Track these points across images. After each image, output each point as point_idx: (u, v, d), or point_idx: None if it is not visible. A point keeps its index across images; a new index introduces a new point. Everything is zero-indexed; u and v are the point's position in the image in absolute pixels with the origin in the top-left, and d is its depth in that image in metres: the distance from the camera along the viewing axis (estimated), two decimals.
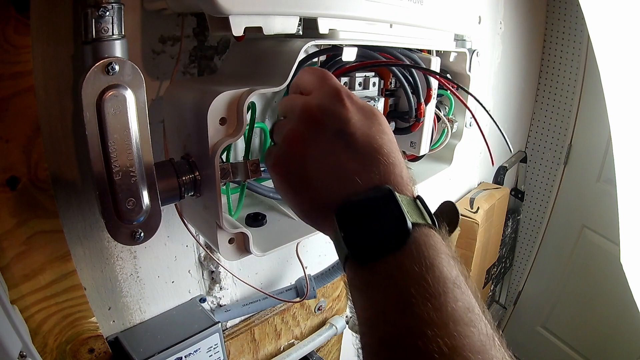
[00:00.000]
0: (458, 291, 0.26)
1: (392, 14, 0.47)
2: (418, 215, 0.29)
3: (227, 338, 0.70)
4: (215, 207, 0.39)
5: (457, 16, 0.57)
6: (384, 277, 0.27)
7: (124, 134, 0.34)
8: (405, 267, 0.27)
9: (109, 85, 0.32)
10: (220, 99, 0.37)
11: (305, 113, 0.34)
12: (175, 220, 0.54)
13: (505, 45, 1.17)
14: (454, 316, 0.25)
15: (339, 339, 0.95)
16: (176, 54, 0.49)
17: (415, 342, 0.24)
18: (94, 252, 0.51)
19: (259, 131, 0.52)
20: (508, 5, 1.12)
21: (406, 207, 0.29)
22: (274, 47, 0.43)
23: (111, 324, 0.56)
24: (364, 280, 0.29)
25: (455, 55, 0.64)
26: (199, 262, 0.64)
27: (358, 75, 0.53)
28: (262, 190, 0.50)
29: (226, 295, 0.70)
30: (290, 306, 0.79)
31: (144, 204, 0.36)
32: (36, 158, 0.41)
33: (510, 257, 1.72)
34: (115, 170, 0.34)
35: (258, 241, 0.45)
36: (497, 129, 0.49)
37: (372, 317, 0.27)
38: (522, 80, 1.35)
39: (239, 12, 0.35)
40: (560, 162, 1.52)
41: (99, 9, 0.32)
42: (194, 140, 0.41)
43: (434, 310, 0.25)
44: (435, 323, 0.24)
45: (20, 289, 0.43)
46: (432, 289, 0.26)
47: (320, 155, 0.33)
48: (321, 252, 0.84)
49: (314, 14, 0.41)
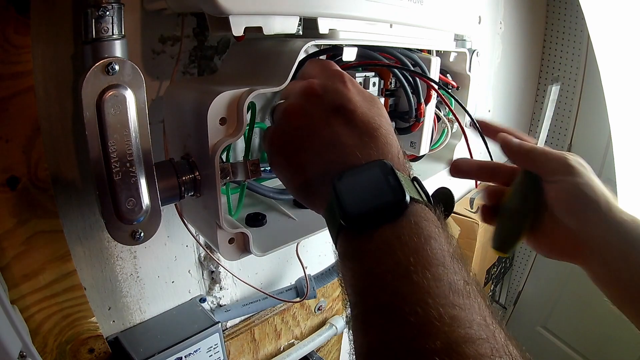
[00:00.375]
0: (457, 264, 0.26)
1: (392, 14, 0.47)
2: (415, 193, 0.29)
3: (227, 338, 0.70)
4: (215, 207, 0.39)
5: (457, 16, 0.57)
6: (381, 245, 0.27)
7: (124, 134, 0.34)
8: (404, 237, 0.27)
9: (109, 85, 0.32)
10: (220, 99, 0.37)
11: (307, 89, 0.34)
12: (175, 220, 0.54)
13: (505, 45, 1.17)
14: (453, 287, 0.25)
15: (339, 339, 0.95)
16: (176, 54, 0.49)
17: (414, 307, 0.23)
18: (94, 252, 0.51)
19: (259, 131, 0.52)
20: (508, 5, 1.12)
21: (404, 182, 0.29)
22: (274, 47, 0.43)
23: (111, 324, 0.56)
24: (358, 249, 0.28)
25: (455, 55, 0.64)
26: (199, 262, 0.64)
27: (358, 75, 0.53)
28: (262, 190, 0.50)
29: (226, 295, 0.70)
30: (290, 306, 0.79)
31: (144, 204, 0.36)
32: (36, 158, 0.41)
33: (510, 257, 1.72)
34: (115, 170, 0.34)
35: (258, 241, 0.45)
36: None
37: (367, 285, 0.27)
38: (522, 80, 1.35)
39: (239, 12, 0.35)
40: None
41: (99, 9, 0.32)
42: (194, 140, 0.41)
43: (434, 280, 0.24)
44: (435, 292, 0.24)
45: (20, 289, 0.43)
46: (432, 259, 0.26)
47: (318, 127, 0.33)
48: (321, 252, 0.84)
49: (314, 14, 0.41)
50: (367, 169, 0.30)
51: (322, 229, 0.49)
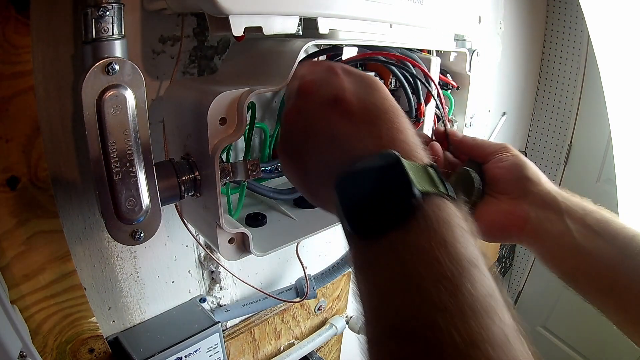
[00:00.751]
0: (476, 272, 0.22)
1: (392, 14, 0.47)
2: (429, 183, 0.25)
3: (227, 338, 0.70)
4: (215, 207, 0.39)
5: (457, 16, 0.57)
6: (388, 255, 0.24)
7: (124, 134, 0.34)
8: (412, 244, 0.23)
9: (109, 85, 0.32)
10: (220, 99, 0.37)
11: (300, 89, 0.33)
12: (175, 220, 0.54)
13: (505, 45, 1.17)
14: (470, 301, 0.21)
15: (339, 339, 0.95)
16: (176, 54, 0.49)
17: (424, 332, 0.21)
18: (94, 252, 0.51)
19: (259, 131, 0.52)
20: (508, 5, 1.12)
21: (413, 173, 0.25)
22: (274, 47, 0.43)
23: (111, 324, 0.56)
24: (366, 259, 0.25)
25: (455, 55, 0.64)
26: (199, 262, 0.64)
27: None
28: (262, 190, 0.50)
29: (226, 295, 0.70)
30: (290, 306, 0.79)
31: (144, 204, 0.36)
32: (36, 158, 0.41)
33: (510, 257, 1.72)
34: (115, 170, 0.34)
35: (258, 241, 0.44)
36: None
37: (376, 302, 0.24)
38: (522, 80, 1.35)
39: (239, 12, 0.35)
40: (560, 162, 1.52)
41: (99, 9, 0.32)
42: (194, 140, 0.41)
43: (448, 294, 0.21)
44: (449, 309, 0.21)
45: (20, 289, 0.43)
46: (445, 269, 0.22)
47: (315, 125, 0.31)
48: (321, 252, 0.84)
49: (314, 14, 0.41)
50: (367, 164, 0.26)
51: (322, 229, 0.49)
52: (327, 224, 0.49)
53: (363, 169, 0.26)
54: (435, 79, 0.58)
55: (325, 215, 0.32)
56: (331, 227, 0.49)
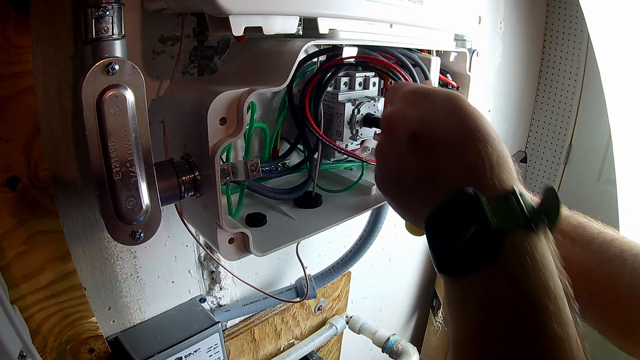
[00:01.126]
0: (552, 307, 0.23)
1: (392, 14, 0.47)
2: (508, 217, 0.25)
3: (227, 338, 0.70)
4: (215, 207, 0.39)
5: (457, 16, 0.57)
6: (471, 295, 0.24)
7: (124, 134, 0.34)
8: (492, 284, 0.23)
9: (109, 85, 0.32)
10: (220, 99, 0.36)
11: (383, 125, 0.34)
12: (175, 220, 0.54)
13: (505, 45, 1.17)
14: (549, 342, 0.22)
15: (339, 339, 0.95)
16: (176, 54, 0.49)
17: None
18: (94, 252, 0.51)
19: (259, 131, 0.52)
20: (508, 5, 1.12)
21: (493, 210, 0.25)
22: (274, 47, 0.43)
23: (111, 324, 0.56)
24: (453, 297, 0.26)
25: (455, 55, 0.64)
26: (199, 262, 0.64)
27: (358, 75, 0.53)
28: (262, 190, 0.50)
29: (226, 295, 0.70)
30: (290, 306, 0.79)
31: (144, 204, 0.36)
32: (36, 158, 0.41)
33: None
34: (115, 170, 0.34)
35: (258, 241, 0.44)
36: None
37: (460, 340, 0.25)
38: (522, 80, 1.35)
39: (239, 12, 0.35)
40: (560, 162, 1.52)
41: (99, 9, 0.32)
42: (194, 140, 0.41)
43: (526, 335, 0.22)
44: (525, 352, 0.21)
45: (20, 289, 0.43)
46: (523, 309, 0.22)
47: (403, 165, 0.31)
48: (321, 252, 0.84)
49: (314, 14, 0.41)
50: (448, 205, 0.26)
51: (322, 228, 0.49)
52: (327, 224, 0.49)
53: (446, 208, 0.27)
54: (436, 79, 0.58)
55: (325, 215, 0.32)
56: (331, 227, 0.49)
